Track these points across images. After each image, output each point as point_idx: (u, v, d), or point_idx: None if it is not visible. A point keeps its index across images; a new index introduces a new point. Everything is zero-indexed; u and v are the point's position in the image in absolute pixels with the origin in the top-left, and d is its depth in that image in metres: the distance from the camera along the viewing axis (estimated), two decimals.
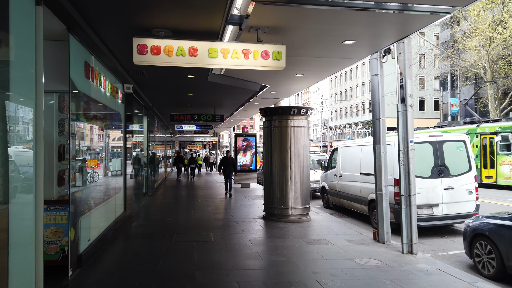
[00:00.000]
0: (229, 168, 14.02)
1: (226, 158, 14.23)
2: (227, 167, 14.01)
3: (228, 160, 14.12)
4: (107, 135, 7.27)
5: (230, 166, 14.07)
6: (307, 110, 9.31)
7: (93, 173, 6.22)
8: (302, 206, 9.23)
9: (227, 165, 14.02)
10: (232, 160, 14.28)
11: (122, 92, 8.34)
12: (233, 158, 14.56)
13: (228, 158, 14.14)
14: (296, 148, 9.23)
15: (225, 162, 14.04)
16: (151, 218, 9.56)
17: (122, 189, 8.51)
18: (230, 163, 14.08)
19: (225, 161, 14.09)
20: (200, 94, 10.90)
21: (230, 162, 14.11)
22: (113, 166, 7.80)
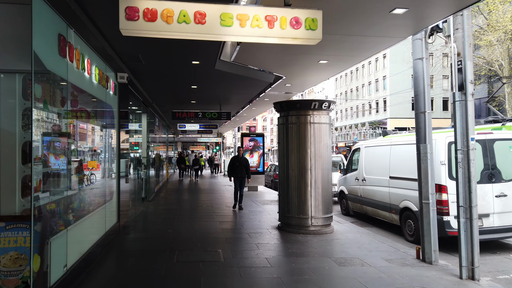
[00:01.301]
0: (241, 171, 10.87)
1: (237, 157, 11.04)
2: (238, 169, 10.88)
3: (240, 160, 10.93)
4: (94, 132, 6.03)
5: (243, 169, 10.88)
6: (330, 104, 8.05)
7: (83, 176, 5.00)
8: (324, 215, 7.96)
9: (239, 167, 10.88)
10: (245, 160, 11.00)
11: (115, 82, 7.11)
12: (246, 159, 11.13)
13: (241, 158, 11.00)
14: (317, 148, 7.97)
15: (237, 163, 10.94)
16: (150, 228, 8.30)
17: (115, 195, 7.27)
18: (243, 165, 10.89)
19: (237, 161, 10.96)
20: (206, 86, 9.66)
21: (243, 163, 10.92)
22: (103, 169, 6.55)
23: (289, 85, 9.68)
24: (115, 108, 7.19)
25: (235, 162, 10.95)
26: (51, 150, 4.08)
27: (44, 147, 3.88)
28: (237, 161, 10.93)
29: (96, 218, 5.86)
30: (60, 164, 4.33)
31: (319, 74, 8.45)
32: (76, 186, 5.02)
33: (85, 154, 5.50)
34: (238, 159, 10.96)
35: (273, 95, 11.64)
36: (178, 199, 13.55)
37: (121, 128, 8.15)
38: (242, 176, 10.89)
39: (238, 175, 10.87)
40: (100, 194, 6.24)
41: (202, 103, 13.20)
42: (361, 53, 6.71)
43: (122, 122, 8.48)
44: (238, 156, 11.05)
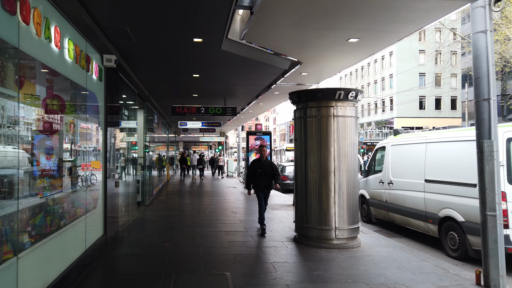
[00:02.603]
0: (265, 180, 7.68)
1: (259, 161, 7.83)
2: (262, 178, 7.67)
3: (265, 165, 7.72)
4: (69, 125, 4.78)
5: (267, 178, 7.68)
6: (357, 94, 6.78)
7: (56, 181, 3.77)
8: (350, 226, 6.69)
9: (262, 174, 7.65)
10: (271, 165, 7.80)
11: (100, 66, 5.86)
12: (272, 163, 7.96)
13: (265, 162, 7.79)
14: (342, 146, 6.71)
15: (259, 170, 7.70)
16: (143, 241, 7.05)
17: (101, 202, 6.03)
18: (268, 171, 7.69)
19: (259, 166, 7.73)
20: (209, 75, 8.40)
21: (268, 168, 7.72)
22: (83, 172, 5.30)
23: (304, 74, 8.41)
24: (101, 97, 5.94)
25: (257, 167, 7.70)
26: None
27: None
28: (259, 166, 7.69)
29: (71, 234, 4.61)
30: (9, 164, 3.09)
31: (344, 57, 7.16)
32: (42, 194, 3.79)
33: (58, 153, 4.26)
34: (261, 163, 7.71)
35: (283, 88, 10.37)
36: (179, 203, 12.31)
37: (111, 122, 6.92)
38: (268, 188, 7.73)
39: (261, 186, 7.65)
40: (79, 203, 4.99)
41: (205, 97, 11.94)
42: (404, 27, 5.42)
43: (112, 115, 7.25)
44: (260, 160, 7.81)
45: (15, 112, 3.20)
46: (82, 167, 5.24)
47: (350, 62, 7.59)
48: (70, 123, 4.75)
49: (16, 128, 3.23)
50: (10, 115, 3.15)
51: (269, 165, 7.84)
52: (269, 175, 7.75)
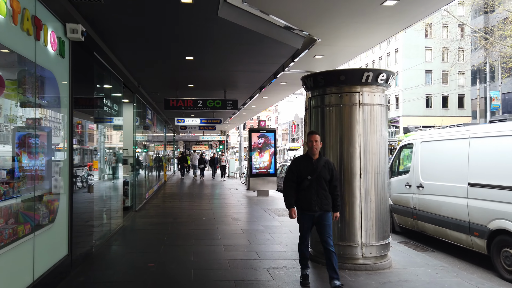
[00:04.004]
0: (319, 195, 4.54)
1: (308, 160, 4.65)
2: (313, 189, 4.53)
3: (319, 167, 4.54)
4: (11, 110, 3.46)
5: (323, 189, 4.56)
6: (388, 76, 5.44)
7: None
8: (379, 241, 5.36)
9: (314, 183, 4.52)
10: (328, 167, 4.61)
11: (62, 38, 4.53)
12: (330, 162, 4.72)
13: (318, 163, 4.58)
14: (369, 142, 5.37)
15: (309, 175, 4.54)
16: (122, 261, 5.72)
17: (64, 213, 4.70)
18: (324, 178, 4.56)
19: (309, 169, 4.56)
20: (205, 58, 7.05)
21: (324, 174, 4.56)
22: (31, 176, 3.97)
23: (319, 58, 7.07)
24: (63, 77, 4.62)
25: (304, 170, 4.57)
26: None
27: None
28: (309, 168, 4.56)
29: (3, 263, 3.28)
30: None
31: (373, 31, 5.78)
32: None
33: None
34: (312, 164, 4.57)
35: (291, 77, 9.04)
36: (174, 208, 10.99)
37: (84, 113, 5.62)
38: (324, 208, 4.54)
39: (312, 205, 4.50)
40: (23, 217, 3.66)
41: (203, 88, 10.58)
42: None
43: (88, 105, 5.94)
44: (309, 158, 4.63)
45: None
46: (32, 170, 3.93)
47: (378, 39, 6.23)
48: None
49: None
50: None
51: (326, 167, 4.53)
52: (326, 184, 4.52)
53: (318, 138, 4.63)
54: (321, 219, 4.59)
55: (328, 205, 4.59)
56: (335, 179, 4.68)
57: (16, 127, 3.65)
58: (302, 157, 4.80)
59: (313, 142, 4.60)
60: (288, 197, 4.69)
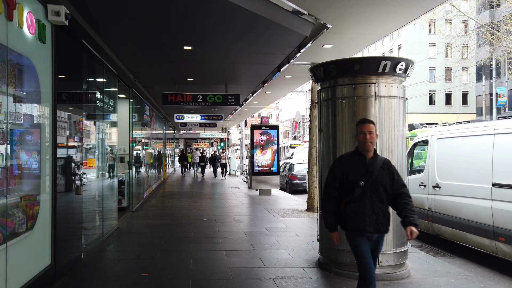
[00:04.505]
0: (374, 209, 3.17)
1: (360, 158, 3.26)
2: (367, 199, 3.16)
3: (375, 169, 3.19)
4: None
5: (380, 201, 3.20)
6: (408, 65, 4.92)
7: None
8: (397, 248, 4.85)
9: (369, 191, 3.16)
10: (388, 169, 3.28)
11: (40, 20, 4.01)
12: (390, 163, 3.34)
13: (374, 163, 3.22)
14: (386, 139, 4.86)
15: (361, 179, 3.16)
16: (113, 270, 5.21)
17: (47, 218, 4.21)
18: (384, 184, 3.21)
19: (361, 172, 3.19)
20: (205, 47, 6.51)
21: (383, 178, 3.22)
22: None
23: (327, 48, 6.54)
24: (44, 66, 4.11)
25: (354, 173, 3.23)
26: None
27: None
28: (360, 170, 3.22)
29: None
30: None
31: (391, 16, 5.24)
32: None
33: None
34: (365, 163, 3.24)
35: (296, 70, 8.51)
36: (172, 208, 10.50)
37: (72, 107, 5.12)
38: (381, 229, 3.24)
39: (366, 219, 3.15)
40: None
41: (203, 82, 10.05)
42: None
43: (77, 99, 5.43)
44: (360, 155, 3.28)
45: None
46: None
47: (393, 26, 5.70)
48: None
49: None
50: None
51: (385, 169, 3.25)
52: (385, 194, 3.23)
53: (373, 128, 3.15)
54: (377, 244, 3.29)
55: (386, 225, 3.22)
56: (400, 184, 3.29)
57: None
58: (350, 155, 3.39)
59: (366, 134, 3.13)
60: (329, 214, 3.28)
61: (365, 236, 3.20)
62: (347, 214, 3.23)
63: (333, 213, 3.31)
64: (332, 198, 3.33)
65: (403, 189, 3.35)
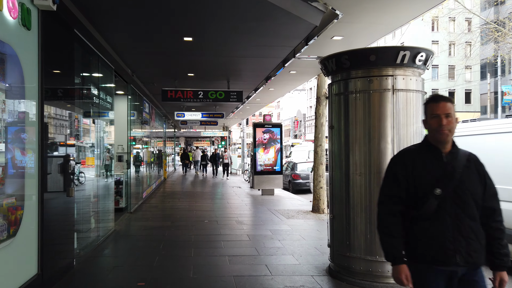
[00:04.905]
0: (460, 230, 2.09)
1: (432, 155, 2.20)
2: (447, 215, 2.11)
3: (456, 171, 2.14)
4: None
5: (467, 217, 2.11)
6: (428, 56, 4.52)
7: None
8: None
9: (448, 204, 2.11)
10: (477, 172, 2.23)
11: (23, 3, 3.62)
12: (482, 166, 2.28)
13: (455, 162, 2.17)
14: (403, 136, 4.47)
15: (437, 186, 2.11)
16: (106, 279, 4.81)
17: (33, 224, 3.82)
18: (472, 193, 2.15)
19: (447, 177, 2.12)
20: (206, 38, 6.11)
21: (471, 185, 2.16)
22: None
23: (337, 39, 6.14)
24: (29, 55, 3.72)
25: (430, 171, 2.18)
26: None
27: None
28: (440, 167, 2.17)
29: None
30: None
31: (408, 3, 4.83)
32: None
33: None
34: (442, 159, 2.18)
35: (302, 64, 8.11)
36: (172, 209, 10.11)
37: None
38: (475, 260, 2.10)
39: (449, 245, 2.08)
40: None
41: (204, 77, 9.65)
42: None
43: (70, 95, 5.05)
44: (435, 149, 2.21)
45: None
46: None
47: (409, 16, 5.29)
48: None
49: None
50: None
51: (472, 169, 2.22)
52: (475, 206, 2.16)
53: (452, 109, 2.15)
54: (468, 282, 2.12)
55: (481, 252, 2.12)
56: (491, 194, 2.22)
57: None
58: (416, 150, 2.30)
59: (442, 118, 2.13)
60: (391, 239, 2.22)
61: (444, 272, 2.10)
62: (417, 237, 2.16)
63: (398, 237, 2.20)
64: (394, 215, 2.22)
65: (495, 204, 2.21)
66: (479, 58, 38.97)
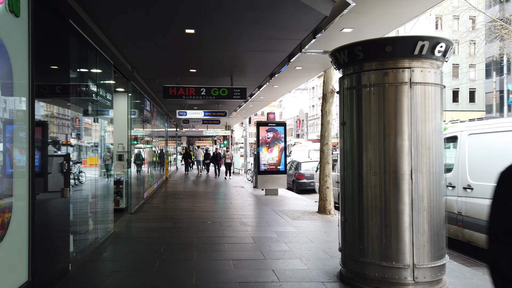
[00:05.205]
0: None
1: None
2: None
3: None
4: None
5: None
6: (448, 47, 4.21)
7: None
8: (434, 262, 4.15)
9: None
10: None
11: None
12: None
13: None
14: (421, 133, 4.16)
15: None
16: (103, 286, 4.54)
17: (24, 227, 3.54)
18: None
19: None
20: (209, 29, 5.81)
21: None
22: None
23: (347, 31, 5.83)
24: (16, 43, 3.43)
25: None
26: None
27: None
28: None
29: None
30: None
31: None
32: None
33: None
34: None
35: (307, 60, 7.81)
36: (174, 209, 9.83)
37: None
38: None
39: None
40: None
41: (206, 74, 9.35)
42: None
43: (61, 89, 4.78)
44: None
45: None
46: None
47: (425, 6, 4.97)
48: None
49: None
50: None
51: None
52: None
53: None
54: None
55: None
56: None
57: None
58: None
59: None
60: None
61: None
62: None
63: None
64: None
65: None
66: (484, 56, 38.51)
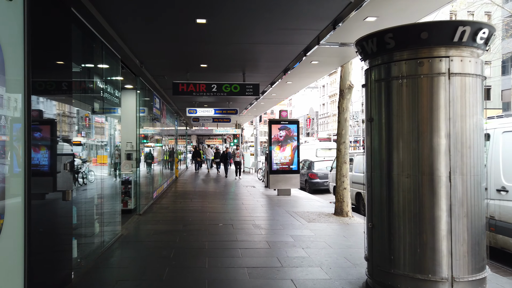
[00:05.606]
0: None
1: None
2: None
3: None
4: None
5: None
6: (490, 34, 3.74)
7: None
8: (475, 275, 3.70)
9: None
10: None
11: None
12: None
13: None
14: (460, 130, 3.71)
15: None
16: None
17: (19, 233, 3.20)
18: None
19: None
20: (221, 19, 5.38)
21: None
22: None
23: (371, 20, 5.36)
24: (9, 31, 3.08)
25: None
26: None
27: None
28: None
29: None
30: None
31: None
32: None
33: None
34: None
35: (325, 53, 7.35)
36: (184, 210, 9.48)
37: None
38: None
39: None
40: None
41: (217, 69, 8.96)
42: None
43: (62, 84, 4.44)
44: None
45: None
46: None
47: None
48: None
49: None
50: None
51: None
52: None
53: None
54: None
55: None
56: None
57: None
58: None
59: None
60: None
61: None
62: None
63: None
64: None
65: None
66: (500, 53, 37.39)
